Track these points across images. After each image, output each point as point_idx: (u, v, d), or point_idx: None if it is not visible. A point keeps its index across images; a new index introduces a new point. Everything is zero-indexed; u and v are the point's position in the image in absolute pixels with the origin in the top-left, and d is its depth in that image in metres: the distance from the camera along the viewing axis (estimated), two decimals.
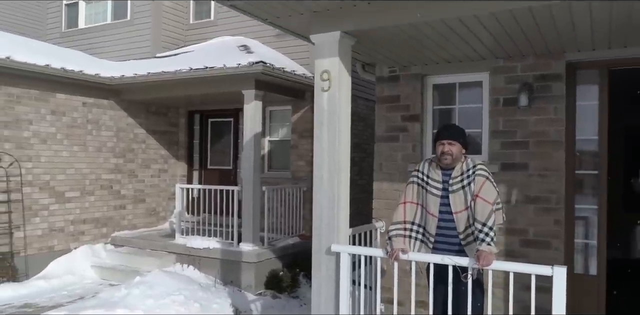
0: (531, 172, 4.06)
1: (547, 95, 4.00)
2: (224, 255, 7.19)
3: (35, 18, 13.48)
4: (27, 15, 13.98)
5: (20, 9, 13.31)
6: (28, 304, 6.43)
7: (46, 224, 7.53)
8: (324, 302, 3.41)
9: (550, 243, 3.99)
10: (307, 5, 3.23)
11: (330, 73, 3.33)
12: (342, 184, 3.40)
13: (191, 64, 7.69)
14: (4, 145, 6.96)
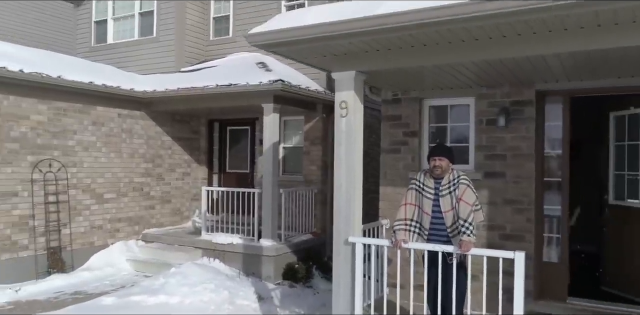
0: (508, 179, 5.01)
1: (520, 117, 4.95)
2: (246, 250, 8.14)
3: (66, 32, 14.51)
4: (57, 30, 15.02)
5: (51, 25, 14.34)
6: (78, 291, 7.39)
7: (88, 222, 8.50)
8: (342, 281, 4.35)
9: (524, 237, 4.94)
10: (329, 51, 4.18)
11: (347, 103, 4.28)
12: (357, 190, 4.35)
13: (215, 79, 8.65)
14: (54, 152, 7.93)
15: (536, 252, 4.96)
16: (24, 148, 7.53)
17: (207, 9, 10.81)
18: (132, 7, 10.88)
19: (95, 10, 11.41)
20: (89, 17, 11.53)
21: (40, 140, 7.75)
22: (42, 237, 7.77)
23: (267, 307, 6.95)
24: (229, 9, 10.60)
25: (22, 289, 7.19)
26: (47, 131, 7.82)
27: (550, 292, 4.95)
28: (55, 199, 7.93)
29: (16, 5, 14.63)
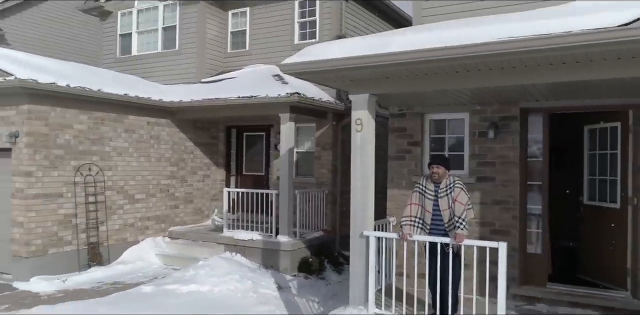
0: (497, 183, 5.90)
1: (507, 130, 5.84)
2: (265, 245, 9.04)
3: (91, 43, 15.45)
4: (84, 41, 15.96)
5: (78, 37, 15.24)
6: (116, 282, 8.30)
7: (121, 220, 9.41)
8: (358, 269, 5.23)
9: (510, 232, 5.83)
10: (347, 78, 5.07)
11: (362, 120, 5.17)
12: (369, 193, 5.24)
13: (236, 90, 9.55)
14: (92, 157, 8.83)
15: (520, 245, 5.84)
16: (68, 154, 8.44)
17: (225, 24, 11.70)
18: (155, 22, 11.77)
19: (121, 24, 12.31)
20: (115, 30, 12.42)
21: (82, 146, 8.65)
22: (83, 233, 8.68)
23: (286, 295, 7.85)
24: (245, 24, 11.49)
25: (69, 279, 8.11)
26: (87, 138, 8.73)
27: (533, 278, 5.84)
28: (94, 199, 8.83)
29: (45, 19, 15.55)
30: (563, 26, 3.85)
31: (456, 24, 4.91)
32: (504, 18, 4.52)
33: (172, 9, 11.55)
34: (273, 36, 11.10)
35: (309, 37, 10.70)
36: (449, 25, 4.83)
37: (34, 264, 7.98)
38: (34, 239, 7.99)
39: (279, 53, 10.91)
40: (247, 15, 11.43)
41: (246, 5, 11.40)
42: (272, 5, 11.04)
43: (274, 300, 7.58)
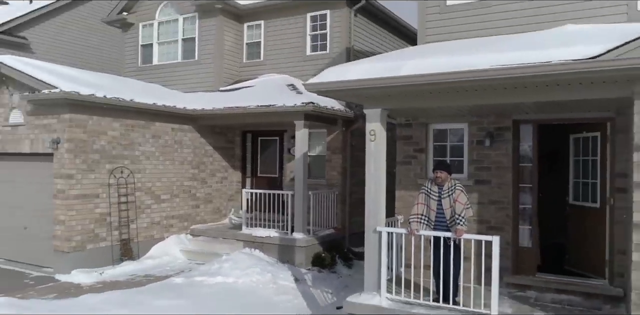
0: (492, 185, 6.72)
1: (501, 139, 6.66)
2: (281, 242, 9.85)
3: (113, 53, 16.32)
4: (105, 51, 16.82)
5: (99, 46, 16.07)
6: (148, 274, 9.13)
7: (149, 219, 10.23)
8: (372, 262, 6.04)
9: (504, 228, 6.64)
10: (362, 95, 5.89)
11: (375, 131, 5.98)
12: (381, 194, 6.05)
13: (253, 98, 10.37)
14: (124, 161, 9.66)
15: (513, 240, 6.66)
16: (103, 158, 9.26)
17: (240, 36, 12.52)
18: (175, 34, 12.60)
19: (142, 35, 13.14)
20: (136, 40, 13.25)
21: (115, 151, 9.48)
22: (116, 230, 9.51)
23: (302, 286, 8.67)
24: (260, 36, 12.31)
25: (105, 272, 8.95)
26: (119, 144, 9.56)
27: (523, 268, 6.65)
28: (125, 199, 9.66)
29: (67, 28, 16.40)
30: (545, 57, 4.68)
31: (458, 49, 5.75)
32: (498, 46, 5.34)
33: (191, 22, 12.38)
34: (286, 47, 11.92)
35: (320, 49, 11.52)
36: (451, 51, 5.67)
37: (74, 258, 8.81)
38: (74, 236, 8.82)
39: (292, 63, 11.75)
40: (262, 28, 12.25)
41: (261, 18, 12.22)
42: (286, 18, 11.86)
43: (292, 291, 8.39)
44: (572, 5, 6.76)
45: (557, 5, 6.85)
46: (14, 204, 9.75)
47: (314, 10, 11.46)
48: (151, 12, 12.95)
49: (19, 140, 9.38)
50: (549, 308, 5.79)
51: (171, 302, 7.38)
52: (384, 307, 5.72)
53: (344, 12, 11.20)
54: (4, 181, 9.97)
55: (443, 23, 7.62)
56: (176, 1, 12.55)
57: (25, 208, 9.56)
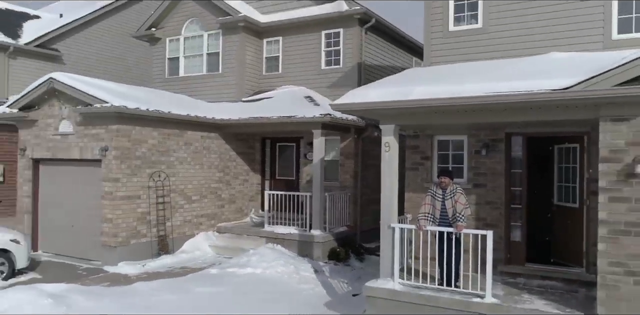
0: (488, 188, 7.88)
1: (496, 149, 7.82)
2: (300, 238, 11.01)
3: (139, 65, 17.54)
4: (132, 63, 18.03)
5: (122, 58, 17.27)
6: (184, 266, 10.30)
7: (182, 217, 11.41)
8: (386, 253, 7.20)
9: (498, 225, 7.80)
10: (379, 114, 7.05)
11: (389, 143, 7.14)
12: (394, 196, 7.21)
13: (274, 109, 11.54)
14: (161, 166, 10.84)
15: (505, 235, 7.82)
16: (144, 163, 10.44)
17: (260, 51, 13.69)
18: (200, 48, 13.78)
19: (169, 49, 14.31)
20: (163, 54, 14.43)
21: (153, 157, 10.66)
22: (154, 228, 10.69)
23: (321, 277, 9.83)
24: (278, 51, 13.49)
25: (147, 264, 10.13)
26: (157, 151, 10.74)
27: (514, 259, 7.81)
28: (162, 200, 10.84)
29: (94, 41, 17.59)
30: (529, 86, 5.85)
31: (457, 75, 6.92)
32: (491, 75, 6.51)
33: (215, 38, 13.55)
34: (302, 62, 13.09)
35: (333, 63, 12.69)
36: (452, 77, 6.84)
37: (120, 252, 9.99)
38: (120, 232, 10.00)
39: (308, 76, 12.93)
40: (280, 43, 13.43)
41: (279, 35, 13.39)
42: (302, 35, 13.03)
43: (313, 281, 9.56)
44: (557, 34, 7.93)
45: (544, 33, 8.02)
46: (63, 204, 10.93)
47: (328, 29, 12.63)
48: (178, 28, 14.12)
49: (69, 148, 10.56)
50: (534, 291, 6.94)
51: (211, 289, 8.57)
52: (397, 290, 6.88)
53: (356, 30, 12.36)
54: (56, 184, 11.16)
55: (446, 46, 8.80)
56: (201, 18, 13.71)
57: (74, 208, 10.74)
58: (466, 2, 8.75)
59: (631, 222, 5.60)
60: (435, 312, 6.53)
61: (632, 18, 7.56)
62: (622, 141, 5.64)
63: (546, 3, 8.00)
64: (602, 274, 5.73)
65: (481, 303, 6.32)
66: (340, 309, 7.91)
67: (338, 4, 12.25)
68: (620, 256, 5.64)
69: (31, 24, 16.46)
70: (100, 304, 7.49)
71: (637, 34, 7.54)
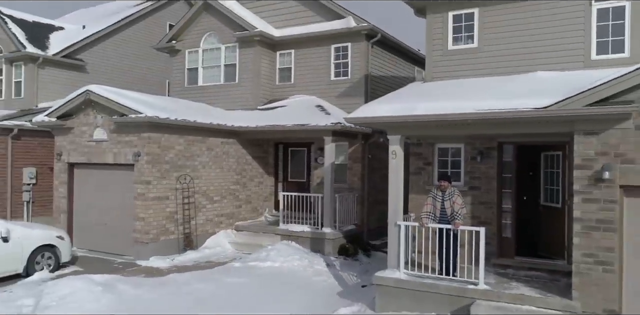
0: (482, 191, 8.95)
1: (489, 156, 8.89)
2: (312, 235, 12.09)
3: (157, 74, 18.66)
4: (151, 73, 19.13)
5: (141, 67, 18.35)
6: (208, 261, 11.38)
7: (205, 217, 12.49)
8: (393, 247, 8.27)
9: (491, 222, 8.87)
10: (387, 126, 8.12)
11: (396, 152, 8.21)
12: (400, 197, 8.28)
13: (288, 117, 12.61)
14: (187, 170, 11.92)
15: (497, 231, 8.89)
16: (172, 167, 11.53)
17: (274, 62, 14.77)
18: (218, 60, 14.86)
19: (188, 60, 15.40)
20: (183, 65, 15.51)
21: (180, 162, 11.74)
22: (180, 226, 11.77)
23: (333, 270, 10.90)
24: (290, 62, 14.56)
25: (175, 259, 11.21)
26: (183, 156, 11.82)
27: (505, 253, 8.87)
28: (187, 200, 11.92)
29: (115, 52, 18.69)
30: (514, 105, 6.91)
31: (455, 93, 7.99)
32: (483, 94, 7.58)
33: (232, 50, 14.63)
34: (313, 73, 14.17)
35: (342, 75, 13.77)
36: (450, 95, 7.91)
37: (151, 247, 11.08)
38: (151, 230, 11.08)
39: (318, 86, 14.00)
40: (292, 56, 14.50)
41: (291, 48, 14.46)
42: (313, 48, 14.10)
43: (325, 273, 10.63)
44: (544, 54, 8.99)
45: (532, 53, 9.08)
46: (97, 204, 12.02)
47: (337, 43, 13.70)
48: (196, 40, 15.20)
49: (103, 153, 11.64)
50: (522, 280, 8.00)
51: (238, 279, 9.65)
52: (402, 279, 7.94)
53: (363, 44, 13.44)
54: (89, 186, 12.24)
55: (445, 63, 9.87)
56: (219, 32, 14.79)
57: (107, 208, 11.83)
58: (463, 24, 9.81)
59: (600, 219, 6.66)
60: (436, 297, 7.60)
61: (608, 41, 8.61)
62: (593, 151, 6.70)
63: (535, 26, 9.06)
64: (576, 263, 6.80)
65: (475, 289, 7.38)
66: (351, 297, 8.97)
67: (347, 20, 13.33)
68: (591, 248, 6.70)
69: (57, 36, 17.53)
70: (143, 292, 8.57)
71: (613, 55, 8.59)
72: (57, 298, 7.93)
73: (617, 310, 6.53)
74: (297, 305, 8.43)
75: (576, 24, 8.79)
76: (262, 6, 14.96)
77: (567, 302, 6.79)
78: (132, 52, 19.30)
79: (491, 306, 7.15)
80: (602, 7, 8.64)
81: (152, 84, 19.82)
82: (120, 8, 21.02)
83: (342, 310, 8.18)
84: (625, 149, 6.51)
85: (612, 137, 6.59)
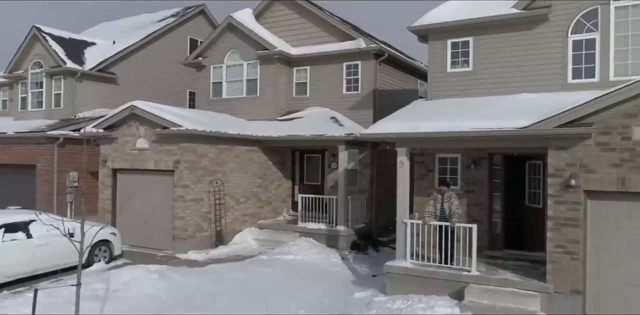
0: (476, 194, 10.58)
1: (482, 164, 10.52)
2: (328, 232, 13.73)
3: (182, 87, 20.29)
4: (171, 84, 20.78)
5: (164, 78, 20.02)
6: (238, 254, 13.02)
7: (232, 216, 14.14)
8: (401, 241, 9.90)
9: (483, 221, 10.49)
10: (395, 139, 9.77)
11: (403, 162, 9.84)
12: (406, 199, 9.91)
13: (305, 128, 14.24)
14: (218, 175, 13.57)
15: (489, 228, 10.52)
16: (206, 173, 13.18)
17: (291, 77, 16.41)
18: (241, 75, 16.51)
19: (213, 75, 17.05)
20: (208, 79, 17.16)
21: (212, 168, 13.39)
22: (213, 224, 13.43)
23: (347, 263, 12.54)
24: (306, 78, 16.20)
25: (209, 253, 12.87)
26: (215, 162, 13.47)
27: (495, 246, 10.50)
28: (218, 202, 13.57)
29: (142, 65, 20.35)
30: (500, 125, 8.54)
31: (452, 113, 9.63)
32: (476, 115, 9.21)
33: (253, 67, 16.27)
34: (326, 87, 15.81)
35: (353, 89, 15.40)
36: (448, 114, 9.54)
37: (189, 243, 12.73)
38: (189, 227, 12.74)
39: (331, 99, 15.64)
40: (308, 72, 16.15)
41: (307, 64, 16.11)
42: (327, 65, 15.74)
43: (340, 265, 12.27)
44: (528, 78, 10.60)
45: (519, 77, 10.69)
46: (138, 205, 13.67)
47: (348, 61, 15.34)
48: (221, 57, 16.85)
49: (145, 160, 13.29)
50: (508, 268, 9.62)
51: (266, 269, 11.29)
52: (409, 267, 9.57)
53: (372, 62, 15.07)
54: (131, 189, 13.90)
55: (445, 84, 11.50)
56: (241, 50, 16.44)
57: (147, 208, 13.48)
58: (460, 50, 11.45)
59: (569, 217, 8.28)
60: (436, 282, 9.22)
61: (582, 68, 10.23)
62: (563, 163, 8.33)
63: (521, 53, 10.67)
64: (549, 253, 8.43)
65: (468, 275, 9.01)
66: (364, 285, 10.60)
67: (357, 41, 14.96)
68: (561, 241, 8.33)
69: (91, 51, 19.19)
70: (190, 279, 10.21)
71: (586, 79, 10.19)
72: (122, 283, 9.58)
73: (581, 290, 8.16)
74: (320, 290, 10.07)
75: (555, 52, 10.42)
76: (281, 26, 16.60)
77: (542, 284, 8.42)
78: (156, 64, 20.97)
79: (481, 289, 8.78)
80: (577, 39, 10.26)
81: (173, 93, 21.50)
82: (144, 23, 22.72)
83: (358, 294, 9.83)
84: (588, 161, 8.14)
85: (578, 151, 8.21)
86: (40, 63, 18.42)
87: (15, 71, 18.99)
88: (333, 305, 9.24)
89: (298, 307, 9.01)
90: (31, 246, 10.14)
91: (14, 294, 9.50)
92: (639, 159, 7.76)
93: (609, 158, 7.97)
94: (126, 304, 8.62)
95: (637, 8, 9.84)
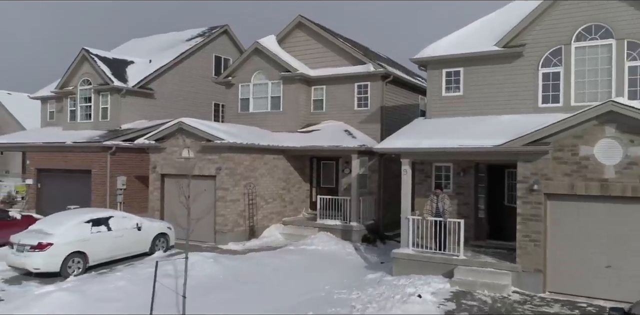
0: (465, 195, 13.18)
1: (469, 172, 13.12)
2: (343, 228, 16.35)
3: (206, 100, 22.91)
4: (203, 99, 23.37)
5: (195, 93, 22.66)
6: (269, 246, 15.64)
7: (262, 214, 16.77)
8: (404, 233, 12.49)
9: (470, 217, 13.09)
10: (401, 153, 12.38)
11: (406, 170, 12.45)
12: (409, 199, 12.51)
13: (323, 139, 16.86)
14: (251, 179, 16.20)
15: (474, 222, 13.12)
16: (242, 178, 15.81)
17: (309, 95, 19.03)
18: (266, 92, 19.13)
19: (241, 92, 19.68)
20: (236, 95, 19.79)
21: (246, 173, 16.03)
22: (247, 220, 16.06)
23: (359, 252, 15.15)
24: (322, 95, 18.82)
25: (245, 244, 15.50)
26: (249, 169, 16.11)
27: (480, 237, 13.09)
28: (251, 202, 16.20)
29: (174, 80, 23.01)
30: (481, 143, 11.14)
31: (445, 132, 12.26)
32: (464, 134, 11.81)
33: (277, 85, 18.90)
34: (340, 103, 18.42)
35: (363, 106, 18.01)
36: (442, 133, 12.18)
37: (229, 236, 15.36)
38: (229, 223, 15.37)
39: (344, 114, 18.26)
40: (324, 90, 18.77)
41: (323, 84, 18.73)
42: (340, 85, 18.36)
43: (354, 254, 14.89)
44: (507, 101, 13.20)
45: (500, 100, 13.30)
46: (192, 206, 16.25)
47: (359, 82, 17.96)
48: (248, 77, 19.48)
49: (190, 168, 15.89)
50: (489, 254, 12.20)
51: (294, 257, 13.90)
52: (411, 253, 12.18)
53: (379, 83, 17.70)
54: (175, 191, 16.49)
55: (440, 106, 14.11)
56: (266, 71, 19.07)
57: (193, 207, 16.05)
58: (453, 78, 14.05)
59: (533, 214, 10.87)
60: (432, 265, 11.81)
61: (549, 95, 12.83)
62: (529, 172, 10.92)
63: (501, 81, 13.27)
64: (518, 241, 11.03)
65: (457, 259, 11.62)
66: (374, 269, 13.21)
67: (367, 66, 17.58)
68: (527, 231, 10.92)
69: (131, 69, 21.82)
70: (237, 263, 12.82)
71: (552, 104, 12.78)
72: (189, 265, 12.18)
73: (542, 269, 10.75)
74: (338, 272, 12.70)
75: (528, 82, 13.03)
76: (300, 50, 19.22)
77: (513, 265, 11.03)
78: (186, 79, 23.62)
79: (467, 269, 11.38)
80: (545, 71, 12.86)
81: (201, 105, 24.13)
82: (174, 41, 25.36)
83: (370, 275, 12.46)
84: (547, 171, 10.73)
85: (539, 164, 10.81)
86: (88, 80, 21.05)
87: (66, 87, 21.63)
88: (351, 283, 11.85)
89: (324, 284, 11.62)
90: (111, 237, 12.79)
91: (100, 274, 12.15)
92: (584, 170, 10.36)
93: (562, 169, 10.57)
94: (195, 280, 11.24)
95: (593, 48, 12.45)
